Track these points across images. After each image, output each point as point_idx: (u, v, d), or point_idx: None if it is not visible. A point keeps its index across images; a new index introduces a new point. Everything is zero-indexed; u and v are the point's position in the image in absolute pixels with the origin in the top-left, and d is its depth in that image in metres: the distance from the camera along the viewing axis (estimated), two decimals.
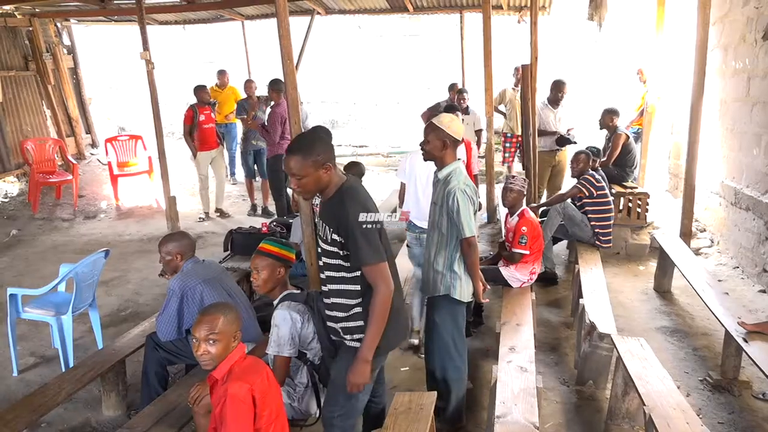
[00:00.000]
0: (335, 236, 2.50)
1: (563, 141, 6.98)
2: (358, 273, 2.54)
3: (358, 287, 2.57)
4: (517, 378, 3.29)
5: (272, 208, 8.13)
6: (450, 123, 3.28)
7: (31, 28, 9.91)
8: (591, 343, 3.84)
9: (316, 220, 2.68)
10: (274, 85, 7.05)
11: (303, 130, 3.27)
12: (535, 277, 4.76)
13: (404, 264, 4.80)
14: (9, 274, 6.16)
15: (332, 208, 2.52)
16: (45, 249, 7.00)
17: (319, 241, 2.65)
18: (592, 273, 4.90)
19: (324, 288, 2.69)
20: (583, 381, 3.96)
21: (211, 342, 2.36)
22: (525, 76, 6.41)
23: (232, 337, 2.41)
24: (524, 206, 4.81)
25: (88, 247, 6.77)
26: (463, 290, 3.32)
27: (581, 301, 4.32)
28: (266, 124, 7.26)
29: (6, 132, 9.12)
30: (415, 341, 4.46)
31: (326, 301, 2.68)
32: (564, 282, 5.77)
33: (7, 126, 9.16)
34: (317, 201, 4.61)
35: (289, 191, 7.03)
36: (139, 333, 4.00)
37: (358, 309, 2.60)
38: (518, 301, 4.39)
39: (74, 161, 9.32)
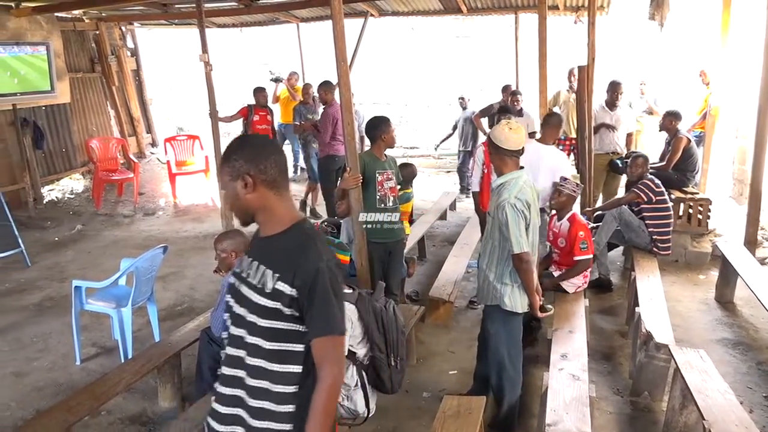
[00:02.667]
0: (284, 287, 1.75)
1: (615, 167, 6.79)
2: (302, 347, 1.79)
3: (299, 369, 1.80)
4: (569, 386, 3.21)
5: (319, 209, 8.21)
6: (501, 136, 3.18)
7: (97, 32, 10.36)
8: (647, 353, 3.72)
9: (246, 260, 1.90)
10: (326, 86, 7.11)
11: (359, 135, 3.32)
12: (587, 280, 4.65)
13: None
14: (73, 267, 6.43)
15: (285, 247, 1.79)
16: (107, 244, 7.28)
17: (243, 292, 1.85)
18: (649, 281, 4.74)
19: (235, 372, 1.85)
20: (638, 392, 3.84)
21: None
22: (581, 78, 6.26)
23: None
24: (574, 210, 4.70)
25: (147, 243, 7.01)
26: (516, 302, 3.24)
27: (637, 309, 4.20)
28: (318, 125, 7.33)
29: (73, 131, 9.55)
30: None
31: (249, 399, 1.83)
32: (619, 289, 5.61)
33: (74, 125, 9.59)
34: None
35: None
36: (194, 327, 4.11)
37: (291, 407, 1.80)
38: (571, 308, 4.30)
39: (135, 160, 9.69)
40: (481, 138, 8.50)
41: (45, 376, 4.20)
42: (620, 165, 6.69)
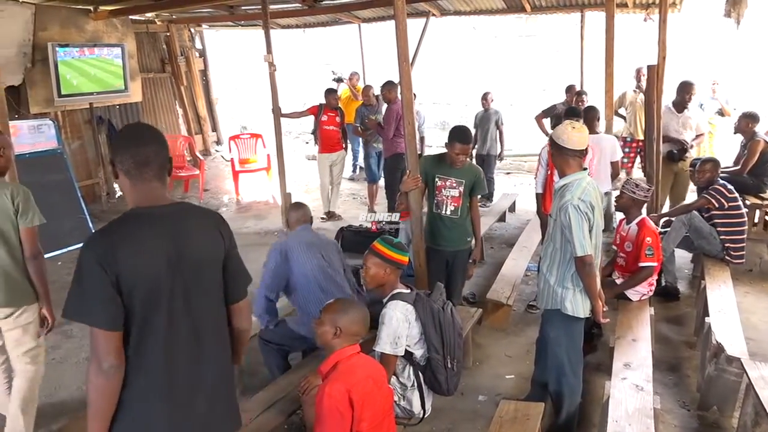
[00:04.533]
0: None
1: (672, 156, 6.49)
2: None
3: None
4: (632, 396, 3.11)
5: (378, 208, 8.22)
6: (563, 135, 3.12)
7: (168, 34, 10.77)
8: (717, 366, 3.56)
9: None
10: (389, 85, 7.14)
11: (419, 135, 3.31)
12: (653, 289, 4.49)
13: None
14: None
15: None
16: None
17: None
18: (720, 290, 4.53)
19: None
20: (706, 406, 3.67)
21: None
22: (651, 78, 6.03)
23: (333, 332, 2.50)
24: (643, 215, 4.53)
25: None
26: (577, 306, 3.14)
27: (707, 319, 4.02)
28: (381, 123, 7.38)
29: None
30: None
31: None
32: (686, 298, 5.38)
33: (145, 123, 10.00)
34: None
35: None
36: (254, 322, 4.20)
37: None
38: (635, 316, 4.15)
39: (201, 157, 10.02)
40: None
41: None
42: (675, 153, 6.44)
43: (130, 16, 9.11)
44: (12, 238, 3.00)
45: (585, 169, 3.22)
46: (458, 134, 4.03)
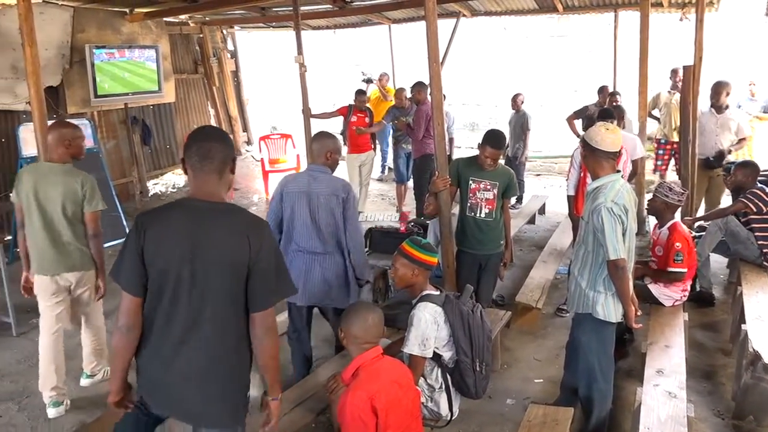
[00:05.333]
0: None
1: (709, 163, 6.34)
2: None
3: None
4: (665, 404, 3.06)
5: (406, 209, 8.22)
6: (596, 136, 3.06)
7: (201, 35, 10.94)
8: (754, 375, 3.46)
9: None
10: (419, 86, 7.13)
11: (448, 136, 3.31)
12: (686, 294, 4.40)
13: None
14: None
15: None
16: None
17: None
18: (758, 297, 4.40)
19: None
20: (742, 415, 3.58)
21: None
22: (687, 78, 5.91)
23: (351, 338, 2.54)
24: (676, 219, 4.44)
25: None
26: (609, 310, 3.09)
27: (743, 326, 3.91)
28: (411, 124, 7.37)
29: (176, 129, 10.15)
30: None
31: None
32: (722, 304, 5.25)
33: (177, 123, 10.19)
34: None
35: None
36: (284, 321, 4.24)
37: None
38: (668, 321, 4.07)
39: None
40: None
41: None
42: (712, 160, 6.28)
43: (165, 18, 9.27)
44: (78, 220, 3.58)
45: (618, 171, 3.17)
46: (491, 138, 4.01)
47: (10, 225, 6.78)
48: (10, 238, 6.55)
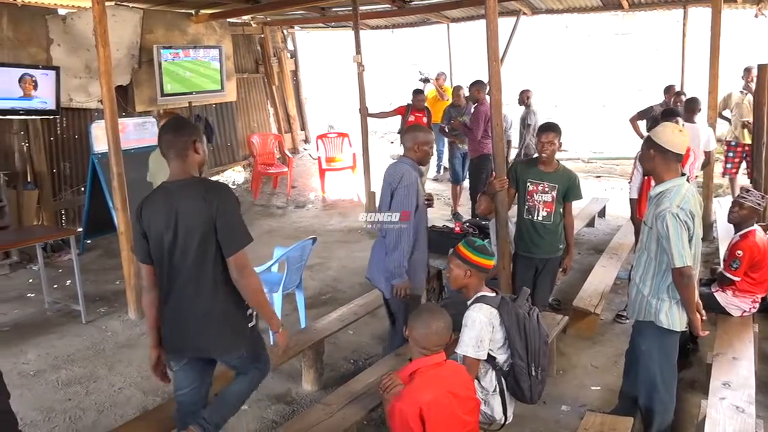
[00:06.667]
0: None
1: None
2: None
3: None
4: (732, 418, 2.93)
5: (462, 209, 8.16)
6: (666, 136, 2.94)
7: (262, 35, 11.18)
8: None
9: None
10: (478, 84, 7.06)
11: (507, 138, 3.28)
12: (757, 305, 4.18)
13: None
14: None
15: None
16: (261, 232, 7.83)
17: None
18: None
19: None
20: None
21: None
22: (761, 78, 5.63)
23: (412, 339, 2.52)
24: (754, 227, 4.22)
25: (297, 234, 7.44)
26: (673, 319, 2.97)
27: None
28: (468, 123, 7.30)
29: (237, 127, 10.42)
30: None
31: None
32: None
33: (238, 122, 10.46)
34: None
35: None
36: (337, 318, 4.30)
37: None
38: (736, 332, 3.89)
39: (290, 155, 10.35)
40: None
41: None
42: None
43: (228, 19, 9.53)
44: None
45: (684, 174, 3.05)
46: (542, 126, 4.16)
47: (81, 218, 7.14)
48: (81, 230, 6.88)
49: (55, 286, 5.87)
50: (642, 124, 7.79)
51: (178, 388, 2.81)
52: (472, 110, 7.34)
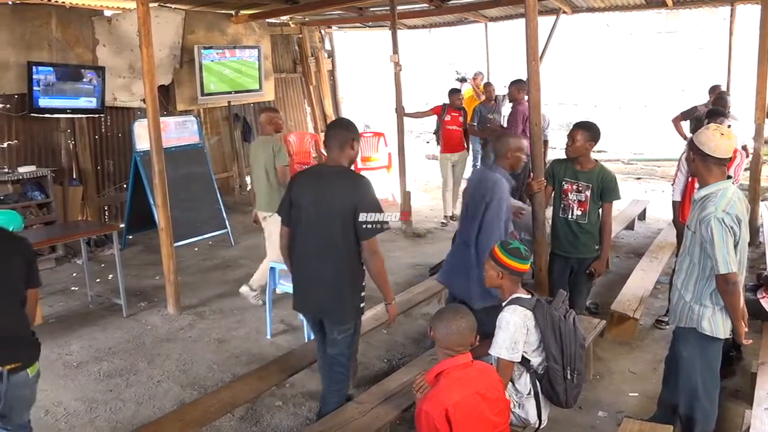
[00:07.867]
0: None
1: None
2: None
3: None
4: None
5: None
6: (705, 140, 2.84)
7: (300, 35, 11.28)
8: None
9: None
10: (518, 84, 6.98)
11: (544, 138, 3.25)
12: None
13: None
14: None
15: None
16: None
17: None
18: None
19: None
20: None
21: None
22: None
23: (436, 340, 2.53)
24: None
25: None
26: (717, 326, 2.89)
27: None
28: (503, 123, 7.24)
29: None
30: None
31: None
32: None
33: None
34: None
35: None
36: (372, 316, 4.31)
37: None
38: None
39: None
40: None
41: (241, 345, 4.69)
42: None
43: (267, 20, 9.65)
44: (271, 172, 5.04)
45: (729, 177, 2.95)
46: (574, 125, 4.09)
47: (123, 214, 7.33)
48: (123, 225, 7.07)
49: (98, 280, 6.05)
50: (686, 125, 7.59)
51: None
52: (502, 108, 7.30)
